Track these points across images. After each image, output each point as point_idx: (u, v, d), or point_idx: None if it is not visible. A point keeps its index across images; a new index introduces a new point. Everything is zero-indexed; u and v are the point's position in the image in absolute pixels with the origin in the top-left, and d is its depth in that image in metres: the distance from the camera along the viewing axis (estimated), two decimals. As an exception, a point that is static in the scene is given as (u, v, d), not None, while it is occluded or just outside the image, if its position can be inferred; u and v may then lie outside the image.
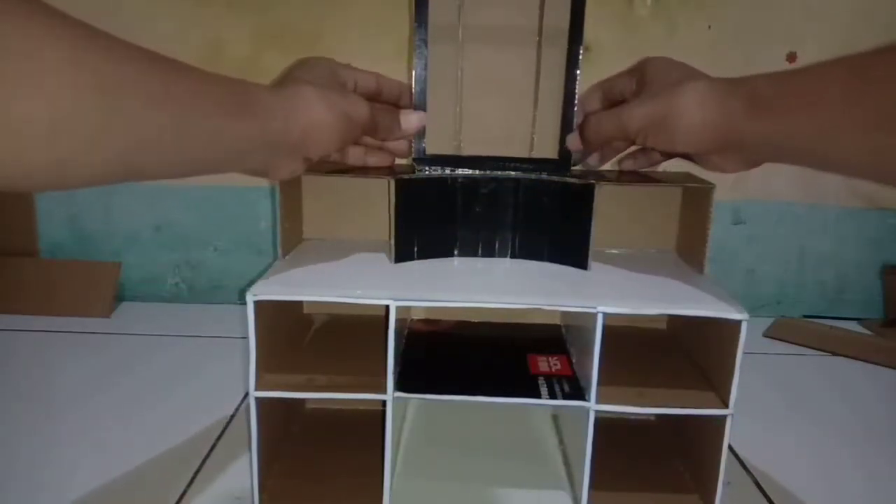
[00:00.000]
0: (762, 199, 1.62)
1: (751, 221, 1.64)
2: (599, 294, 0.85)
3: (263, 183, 1.59)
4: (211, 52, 1.52)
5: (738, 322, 0.81)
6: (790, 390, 1.31)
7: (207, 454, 1.01)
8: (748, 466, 1.03)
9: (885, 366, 1.41)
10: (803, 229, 1.65)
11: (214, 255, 1.65)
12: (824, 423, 1.18)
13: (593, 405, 0.85)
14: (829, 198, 1.63)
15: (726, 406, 0.84)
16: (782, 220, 1.64)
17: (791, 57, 1.54)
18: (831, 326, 1.60)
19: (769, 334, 1.56)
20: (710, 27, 1.52)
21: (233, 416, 1.12)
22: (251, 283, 0.86)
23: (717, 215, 1.61)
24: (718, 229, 1.63)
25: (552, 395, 0.86)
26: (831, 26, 1.52)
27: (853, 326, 1.63)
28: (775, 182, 1.61)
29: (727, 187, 1.61)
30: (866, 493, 0.99)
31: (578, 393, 0.87)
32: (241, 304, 1.64)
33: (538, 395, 0.86)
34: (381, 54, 1.52)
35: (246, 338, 0.83)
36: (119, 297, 1.64)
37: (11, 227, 1.62)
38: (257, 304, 0.83)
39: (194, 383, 1.24)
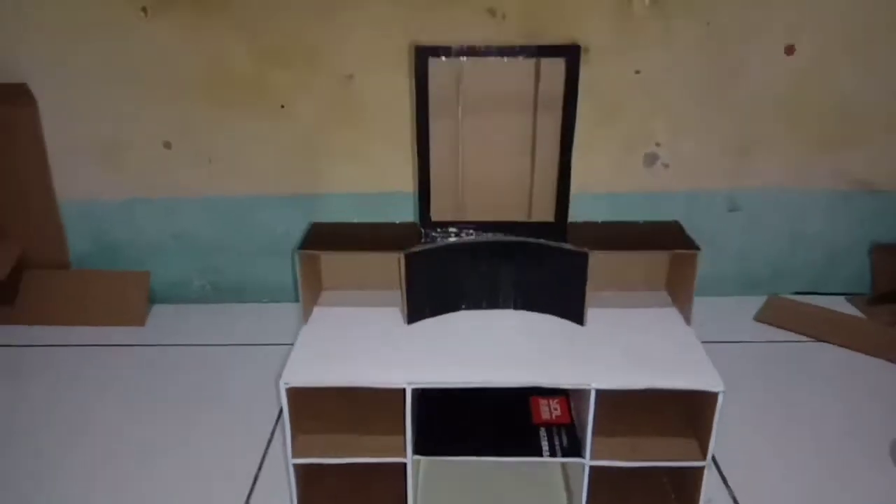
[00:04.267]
0: (757, 185, 1.68)
1: (745, 207, 1.70)
2: (593, 370, 0.95)
3: (275, 191, 1.66)
4: (213, 69, 1.55)
5: (716, 393, 0.91)
6: (773, 382, 1.42)
7: (255, 477, 1.16)
8: (728, 482, 1.16)
9: (869, 354, 1.51)
10: (795, 212, 1.71)
11: (235, 259, 1.74)
12: (803, 419, 1.31)
13: (588, 461, 0.97)
14: (820, 182, 1.68)
15: (704, 458, 0.96)
16: (775, 205, 1.70)
17: (789, 49, 1.55)
18: (821, 307, 1.69)
19: (759, 318, 1.66)
20: (708, 23, 1.52)
21: (272, 436, 1.26)
22: (271, 287, 0.96)
23: (713, 203, 1.69)
24: (714, 217, 1.71)
25: (552, 452, 0.98)
26: (828, 18, 1.52)
27: (841, 303, 1.72)
28: (769, 169, 1.66)
29: (724, 178, 1.67)
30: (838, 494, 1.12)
31: (576, 449, 0.98)
32: (265, 302, 1.77)
33: (540, 453, 0.98)
34: (380, 67, 1.54)
35: (276, 345, 0.92)
36: (150, 301, 1.75)
37: (42, 241, 1.71)
38: (289, 390, 0.93)
39: (233, 396, 1.38)
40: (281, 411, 0.96)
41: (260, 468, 1.20)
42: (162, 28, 1.51)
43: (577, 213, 1.14)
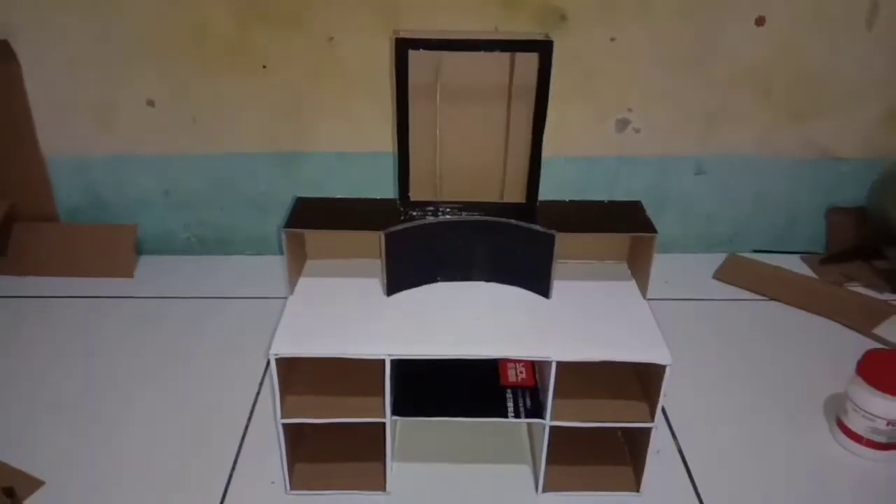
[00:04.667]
0: (724, 153, 1.75)
1: (712, 173, 1.78)
2: (554, 344, 1.05)
3: (258, 149, 1.71)
4: (197, 32, 1.57)
5: (664, 367, 1.02)
6: (727, 339, 1.55)
7: (242, 438, 1.26)
8: (675, 433, 1.29)
9: (816, 314, 1.63)
10: (760, 178, 1.79)
11: (220, 214, 1.80)
12: (751, 375, 1.43)
13: (548, 422, 1.08)
14: (786, 152, 1.75)
15: (652, 420, 1.08)
16: (741, 171, 1.78)
17: (760, 20, 1.60)
18: (775, 267, 1.80)
19: (718, 276, 1.77)
20: (683, -7, 1.56)
21: (259, 389, 1.36)
22: (255, 239, 1.05)
23: (681, 167, 1.78)
24: (682, 180, 1.79)
25: (517, 414, 1.10)
26: (800, -9, 1.56)
27: (796, 262, 1.84)
28: (737, 138, 1.73)
29: (692, 144, 1.74)
30: (782, 452, 1.25)
31: (538, 411, 1.10)
32: (249, 254, 1.84)
33: (506, 415, 1.09)
34: (364, 28, 1.57)
35: (261, 298, 1.01)
36: (137, 252, 1.81)
37: (30, 194, 1.75)
38: (277, 360, 1.02)
39: (223, 347, 1.48)
40: (268, 364, 1.04)
41: (249, 420, 1.31)
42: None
43: (550, 178, 1.21)
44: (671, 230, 1.83)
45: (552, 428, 1.09)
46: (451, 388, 1.15)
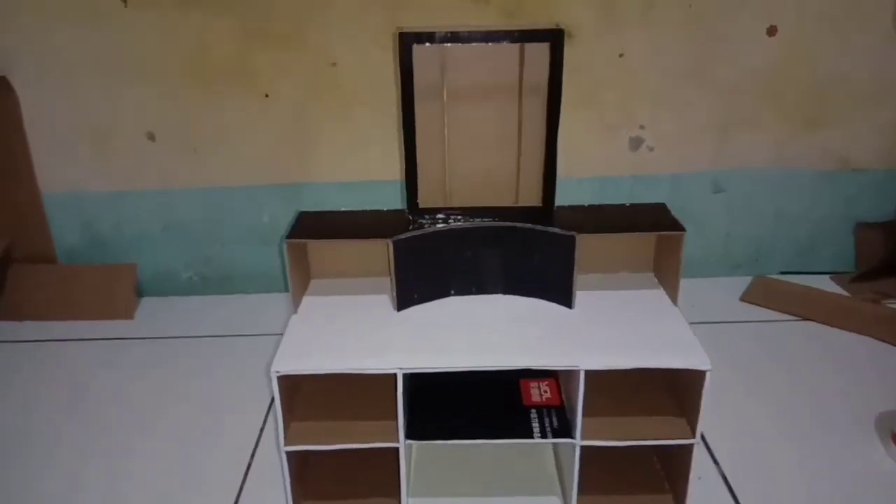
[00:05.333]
0: (740, 167, 1.69)
1: (729, 188, 1.71)
2: (582, 350, 0.96)
3: (260, 181, 1.66)
4: (195, 58, 1.54)
5: (703, 372, 0.93)
6: (760, 361, 1.44)
7: (247, 468, 1.16)
8: (717, 459, 1.17)
9: (854, 331, 1.53)
10: (779, 193, 1.72)
11: (222, 250, 1.74)
12: (789, 395, 1.32)
13: (579, 441, 0.98)
14: (804, 162, 1.69)
15: (693, 436, 0.97)
16: (759, 186, 1.71)
17: (772, 30, 1.56)
18: (804, 286, 1.71)
19: (745, 298, 1.68)
20: (690, 6, 1.53)
21: (264, 424, 1.26)
22: (259, 275, 0.96)
23: (698, 185, 1.71)
24: (699, 199, 1.72)
25: (543, 434, 0.99)
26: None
27: (826, 281, 1.74)
28: (753, 151, 1.67)
29: (708, 159, 1.68)
30: (821, 475, 1.14)
31: (566, 430, 1.00)
32: (252, 293, 1.76)
33: (531, 435, 0.99)
34: (364, 50, 1.54)
35: (265, 335, 0.93)
36: (138, 293, 1.74)
37: (27, 236, 1.69)
38: (280, 378, 0.94)
39: (223, 386, 1.38)
40: (272, 401, 0.96)
41: (252, 456, 1.20)
42: (142, 17, 1.50)
43: (563, 199, 1.15)
44: (690, 252, 1.73)
45: (583, 450, 0.99)
46: (470, 410, 1.06)
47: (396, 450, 0.99)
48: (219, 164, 1.64)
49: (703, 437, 1.21)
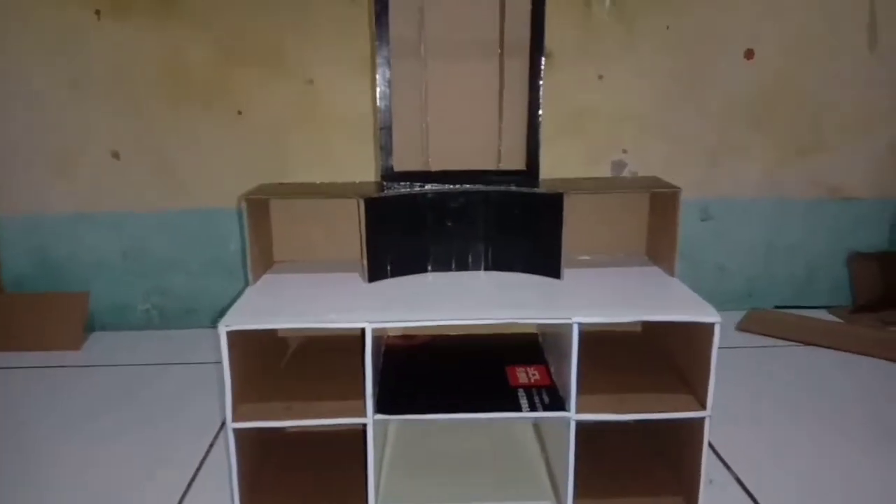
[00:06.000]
0: (729, 196, 1.65)
1: (718, 218, 1.66)
2: (574, 304, 0.85)
3: (230, 204, 1.57)
4: (167, 75, 1.50)
5: (712, 325, 0.82)
6: (765, 382, 1.33)
7: (188, 486, 0.99)
8: (728, 463, 1.04)
9: (856, 353, 1.43)
10: (770, 223, 1.67)
11: (185, 279, 1.62)
12: (800, 413, 1.20)
13: (573, 415, 0.85)
14: (793, 192, 1.65)
15: (704, 408, 0.85)
16: (749, 216, 1.66)
17: (749, 54, 1.57)
18: (801, 316, 1.62)
19: (742, 327, 1.58)
20: (668, 28, 1.54)
21: (211, 445, 1.10)
22: (223, 309, 0.85)
23: (686, 213, 1.63)
24: (687, 227, 1.66)
25: (532, 408, 0.86)
26: (787, 23, 1.55)
27: (823, 315, 1.66)
28: (741, 180, 1.64)
29: (695, 186, 1.63)
30: (845, 482, 1.00)
31: (558, 403, 0.87)
32: (214, 327, 1.63)
33: (518, 408, 0.86)
34: (343, 68, 1.51)
35: (221, 363, 0.82)
36: (89, 328, 1.60)
37: (-28, 262, 1.58)
38: (230, 334, 0.81)
39: (169, 414, 1.22)
40: (223, 424, 0.82)
41: (197, 471, 1.04)
42: (116, 30, 1.47)
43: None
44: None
45: (579, 436, 0.85)
46: (450, 388, 0.93)
47: (363, 427, 0.85)
48: (186, 185, 1.57)
49: (711, 446, 1.07)
